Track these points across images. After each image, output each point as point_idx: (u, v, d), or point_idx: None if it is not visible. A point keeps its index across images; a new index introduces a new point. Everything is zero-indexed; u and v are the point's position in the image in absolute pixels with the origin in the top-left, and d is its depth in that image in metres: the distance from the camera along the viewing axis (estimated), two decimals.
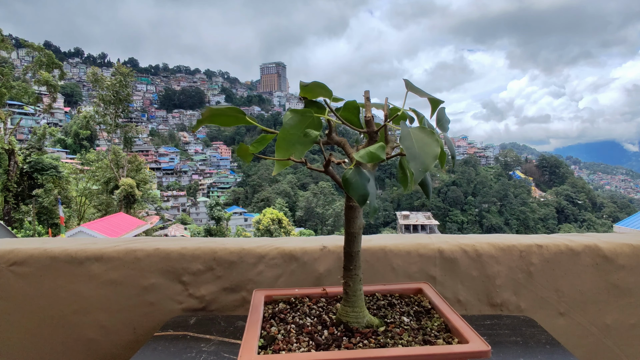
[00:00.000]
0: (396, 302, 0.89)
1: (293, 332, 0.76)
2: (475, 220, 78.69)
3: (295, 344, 0.71)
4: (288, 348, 0.71)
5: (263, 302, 0.86)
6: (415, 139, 0.61)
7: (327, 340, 0.72)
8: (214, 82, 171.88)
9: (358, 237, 0.77)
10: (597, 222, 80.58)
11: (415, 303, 0.89)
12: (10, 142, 18.84)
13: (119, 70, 26.10)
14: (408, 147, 0.60)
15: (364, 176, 0.65)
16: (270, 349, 0.70)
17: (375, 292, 0.93)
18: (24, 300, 1.20)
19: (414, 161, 0.59)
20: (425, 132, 0.63)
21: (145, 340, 1.19)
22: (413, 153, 0.59)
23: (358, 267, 0.77)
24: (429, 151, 0.59)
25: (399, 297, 0.92)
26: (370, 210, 0.67)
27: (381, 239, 1.25)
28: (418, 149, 0.60)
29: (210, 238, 1.32)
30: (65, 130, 68.78)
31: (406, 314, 0.84)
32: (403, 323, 0.79)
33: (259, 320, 0.78)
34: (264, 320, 0.80)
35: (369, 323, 0.76)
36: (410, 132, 0.63)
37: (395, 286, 0.94)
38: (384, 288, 0.94)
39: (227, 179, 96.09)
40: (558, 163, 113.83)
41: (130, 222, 18.27)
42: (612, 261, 1.18)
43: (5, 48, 19.33)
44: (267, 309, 0.85)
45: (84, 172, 25.84)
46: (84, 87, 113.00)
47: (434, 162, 0.59)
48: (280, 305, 0.87)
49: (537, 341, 0.97)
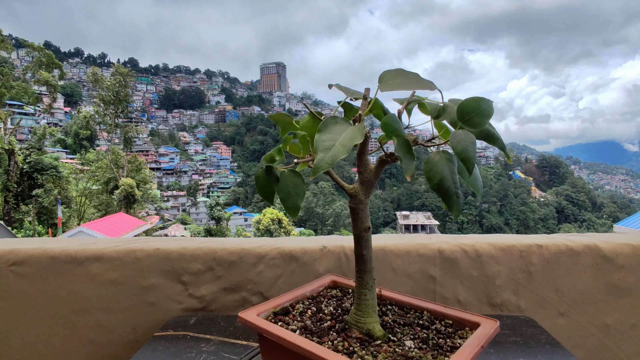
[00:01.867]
0: (429, 326, 0.77)
1: (309, 313, 0.80)
2: (475, 220, 78.69)
3: (296, 322, 0.76)
4: (288, 322, 0.75)
5: (326, 285, 0.94)
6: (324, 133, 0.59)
7: (317, 330, 0.74)
8: (214, 82, 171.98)
9: (361, 240, 0.74)
10: (597, 222, 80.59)
11: (451, 336, 0.73)
12: (10, 142, 18.84)
13: (119, 70, 26.10)
14: (316, 140, 0.58)
15: (272, 175, 0.70)
16: (275, 318, 0.77)
17: (425, 309, 0.82)
18: (24, 300, 1.20)
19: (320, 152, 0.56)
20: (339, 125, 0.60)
21: (145, 340, 1.20)
22: (317, 145, 0.57)
23: (363, 271, 0.75)
24: (328, 145, 0.57)
25: (449, 324, 0.77)
26: (288, 209, 0.70)
27: (381, 239, 1.25)
28: (321, 142, 0.57)
29: (210, 238, 1.32)
30: (65, 130, 68.82)
31: (418, 339, 0.72)
32: (403, 346, 0.70)
33: (297, 296, 0.85)
34: (306, 297, 0.87)
35: (370, 332, 0.72)
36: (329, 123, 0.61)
37: (451, 312, 0.79)
38: (437, 309, 0.81)
39: (227, 179, 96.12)
40: (558, 163, 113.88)
41: (130, 222, 18.27)
42: (612, 261, 1.18)
43: (5, 48, 19.33)
44: (324, 291, 0.92)
45: (83, 172, 25.83)
46: (84, 87, 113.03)
47: (331, 159, 0.55)
48: (333, 292, 0.92)
49: (537, 341, 0.97)
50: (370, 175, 0.72)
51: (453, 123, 0.62)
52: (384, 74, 0.65)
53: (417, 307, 0.84)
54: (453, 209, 0.60)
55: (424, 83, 0.62)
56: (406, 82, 0.63)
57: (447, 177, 0.60)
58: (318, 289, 0.91)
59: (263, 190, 0.71)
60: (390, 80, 0.64)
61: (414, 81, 0.63)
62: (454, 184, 0.60)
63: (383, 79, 0.65)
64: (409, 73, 0.65)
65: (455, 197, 0.59)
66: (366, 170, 0.72)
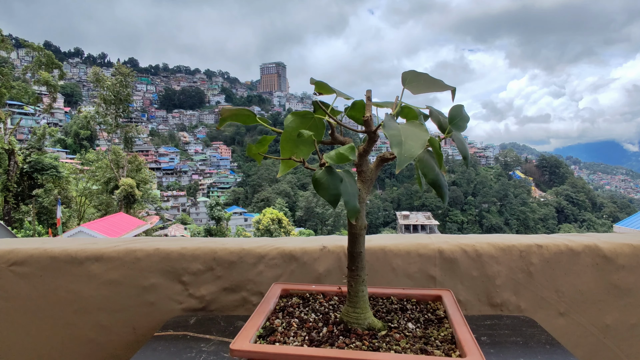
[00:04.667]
0: (409, 307, 0.86)
1: (294, 326, 0.77)
2: (475, 220, 78.70)
3: (292, 338, 0.73)
4: (284, 340, 0.72)
5: (278, 295, 0.89)
6: (401, 127, 0.60)
7: (322, 338, 0.72)
8: (214, 82, 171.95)
9: (359, 238, 0.76)
10: (597, 222, 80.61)
11: (430, 310, 0.84)
12: (10, 142, 18.84)
13: (119, 70, 26.10)
14: (393, 135, 0.58)
15: (336, 176, 0.64)
16: (265, 340, 0.72)
17: (392, 295, 0.90)
18: (24, 300, 1.20)
19: (398, 147, 0.56)
20: (413, 124, 0.62)
21: (145, 340, 1.19)
22: (397, 140, 0.57)
23: (360, 268, 0.76)
24: (415, 138, 0.58)
25: (415, 302, 0.88)
26: (350, 211, 0.66)
27: (381, 239, 1.25)
28: (403, 136, 0.58)
29: (210, 238, 1.32)
30: (65, 130, 68.82)
31: (414, 320, 0.80)
32: (407, 329, 0.76)
33: (266, 312, 0.80)
34: (272, 312, 0.82)
35: (371, 325, 0.75)
36: (394, 121, 0.63)
37: (413, 291, 0.90)
38: (401, 292, 0.90)
39: (227, 179, 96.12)
40: (558, 163, 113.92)
41: (130, 222, 18.27)
42: (612, 261, 1.18)
43: (5, 48, 19.33)
44: (280, 302, 0.88)
45: (83, 172, 25.83)
46: (84, 87, 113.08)
47: (421, 148, 0.56)
48: (293, 300, 0.89)
49: (537, 341, 0.97)
50: (371, 174, 0.73)
51: (441, 126, 0.72)
52: (406, 76, 0.69)
53: (382, 295, 0.90)
54: (444, 199, 0.69)
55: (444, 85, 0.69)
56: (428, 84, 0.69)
57: (438, 172, 0.68)
58: (277, 302, 0.87)
59: (330, 194, 0.63)
60: (413, 82, 0.69)
61: (436, 84, 0.69)
62: (443, 178, 0.69)
63: (407, 80, 0.69)
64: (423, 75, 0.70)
65: (445, 189, 0.69)
66: (367, 169, 0.73)
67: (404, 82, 0.68)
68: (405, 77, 0.68)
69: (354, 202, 0.65)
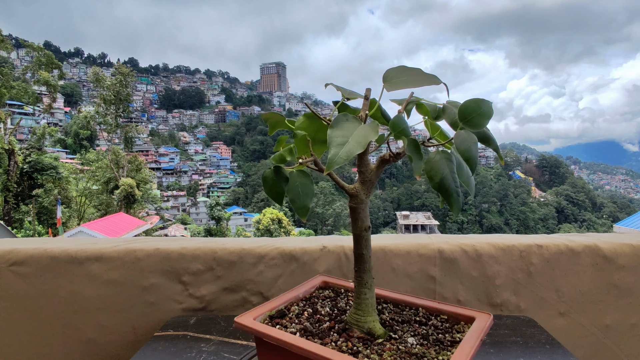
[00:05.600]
0: (431, 323, 0.78)
1: (305, 315, 0.80)
2: (475, 220, 78.69)
3: (295, 324, 0.75)
4: (285, 325, 0.75)
5: (317, 286, 0.93)
6: (351, 127, 0.59)
7: (315, 330, 0.74)
8: (214, 82, 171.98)
9: (360, 240, 0.74)
10: (597, 222, 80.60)
11: (452, 331, 0.75)
12: (10, 142, 18.84)
13: (119, 70, 26.10)
14: (330, 136, 0.57)
15: (281, 176, 0.69)
16: (272, 321, 0.76)
17: (421, 306, 0.83)
18: (24, 300, 1.20)
19: (335, 148, 0.56)
20: (366, 123, 0.61)
21: (145, 340, 1.19)
22: (332, 141, 0.57)
23: (362, 270, 0.75)
24: (360, 138, 0.56)
25: (444, 319, 0.79)
26: (297, 210, 0.69)
27: (381, 239, 1.25)
28: (347, 137, 0.57)
29: (210, 238, 1.32)
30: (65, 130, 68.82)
31: (419, 335, 0.73)
32: (404, 342, 0.70)
33: (290, 298, 0.85)
34: (298, 299, 0.87)
35: (371, 330, 0.73)
36: (345, 120, 0.61)
37: (446, 307, 0.80)
38: (432, 305, 0.82)
39: (227, 179, 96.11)
40: (558, 163, 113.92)
41: (130, 222, 18.27)
42: (612, 261, 1.18)
43: (5, 48, 19.33)
44: (315, 292, 0.92)
45: (84, 172, 25.83)
46: (84, 87, 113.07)
47: (361, 148, 0.55)
48: (326, 292, 0.91)
49: (537, 341, 0.97)
50: (371, 175, 0.72)
51: (453, 124, 0.63)
52: (388, 73, 0.65)
53: (412, 304, 0.85)
54: (453, 207, 0.60)
55: (428, 78, 0.62)
56: (410, 79, 0.63)
57: (448, 176, 0.61)
58: (310, 290, 0.91)
59: (272, 191, 0.70)
60: (394, 79, 0.64)
61: (418, 77, 0.63)
62: (454, 183, 0.61)
63: (387, 78, 0.64)
64: (411, 69, 0.65)
65: (456, 195, 0.60)
66: (367, 170, 0.72)
67: (385, 80, 0.65)
68: (387, 75, 0.65)
69: (303, 201, 0.69)
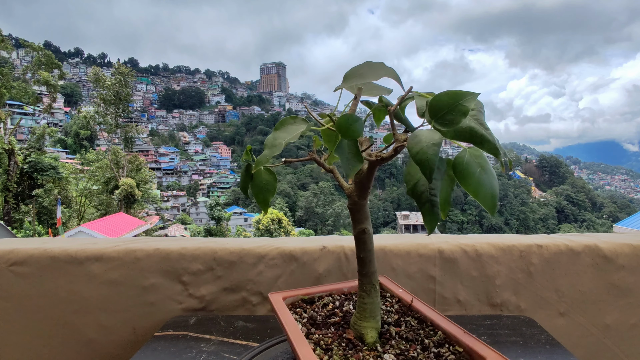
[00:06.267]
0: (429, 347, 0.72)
1: (329, 308, 0.85)
2: (475, 220, 78.68)
3: (311, 312, 0.81)
4: (302, 311, 0.82)
5: None
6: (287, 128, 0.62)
7: (318, 324, 0.78)
8: (214, 82, 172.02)
9: (358, 242, 0.74)
10: (597, 222, 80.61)
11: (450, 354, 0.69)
12: (10, 142, 18.84)
13: (119, 70, 26.10)
14: (268, 138, 0.61)
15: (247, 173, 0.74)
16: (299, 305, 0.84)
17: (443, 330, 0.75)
18: (24, 300, 1.20)
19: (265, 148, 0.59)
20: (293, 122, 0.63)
21: (145, 340, 1.19)
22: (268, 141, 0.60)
23: (362, 274, 0.74)
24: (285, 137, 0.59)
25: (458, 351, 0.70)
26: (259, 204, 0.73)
27: (381, 239, 1.24)
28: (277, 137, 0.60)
29: (210, 238, 1.32)
30: (65, 130, 68.83)
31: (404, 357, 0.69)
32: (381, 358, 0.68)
33: (331, 289, 0.90)
34: (337, 292, 0.92)
35: (363, 337, 0.72)
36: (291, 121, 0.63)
37: (468, 340, 0.70)
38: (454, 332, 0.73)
39: (227, 179, 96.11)
40: (558, 163, 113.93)
41: (130, 222, 18.27)
42: (612, 261, 1.18)
43: (5, 48, 19.33)
44: None
45: (83, 172, 25.83)
46: (84, 87, 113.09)
47: (278, 150, 0.57)
48: None
49: (537, 341, 0.97)
50: (362, 177, 0.69)
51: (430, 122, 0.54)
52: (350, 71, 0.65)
53: (435, 325, 0.77)
54: (425, 219, 0.53)
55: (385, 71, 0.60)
56: (365, 73, 0.62)
57: (422, 181, 0.54)
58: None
59: (242, 186, 0.74)
60: (352, 75, 0.64)
61: (371, 71, 0.61)
62: (429, 191, 0.53)
63: (347, 76, 0.64)
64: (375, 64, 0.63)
65: (429, 205, 0.52)
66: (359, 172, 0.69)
67: (345, 79, 0.63)
68: (348, 75, 0.63)
69: (265, 195, 0.72)
